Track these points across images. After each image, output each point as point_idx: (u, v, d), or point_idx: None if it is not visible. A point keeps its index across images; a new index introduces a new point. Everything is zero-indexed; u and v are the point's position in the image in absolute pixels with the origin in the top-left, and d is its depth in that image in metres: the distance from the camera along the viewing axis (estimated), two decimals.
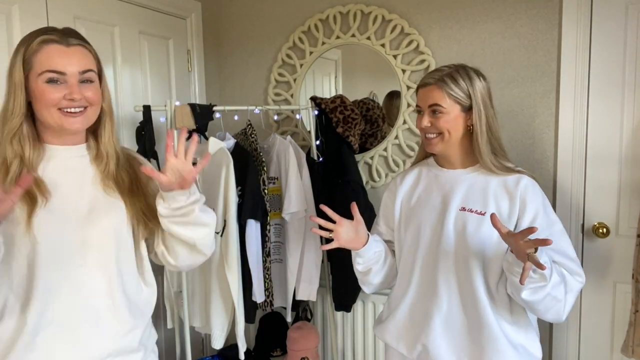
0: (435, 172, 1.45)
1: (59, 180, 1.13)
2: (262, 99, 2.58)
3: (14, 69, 1.08)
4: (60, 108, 1.09)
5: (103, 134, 1.18)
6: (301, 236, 2.08)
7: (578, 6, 1.87)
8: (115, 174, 1.19)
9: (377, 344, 2.32)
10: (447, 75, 1.34)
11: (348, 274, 2.13)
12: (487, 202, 1.33)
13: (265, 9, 2.52)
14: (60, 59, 1.07)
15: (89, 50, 1.13)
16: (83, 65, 1.10)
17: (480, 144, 1.33)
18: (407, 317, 1.42)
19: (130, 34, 2.14)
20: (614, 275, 1.92)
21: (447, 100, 1.33)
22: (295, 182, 2.01)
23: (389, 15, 2.21)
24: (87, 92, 1.10)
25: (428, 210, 1.41)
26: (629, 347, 1.71)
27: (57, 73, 1.07)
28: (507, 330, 1.31)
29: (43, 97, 1.07)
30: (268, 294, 2.01)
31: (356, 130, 2.18)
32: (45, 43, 1.07)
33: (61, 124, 1.10)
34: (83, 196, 1.15)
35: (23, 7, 1.70)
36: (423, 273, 1.40)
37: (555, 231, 1.31)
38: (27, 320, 1.08)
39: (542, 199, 1.34)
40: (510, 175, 1.35)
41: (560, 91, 1.93)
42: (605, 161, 1.90)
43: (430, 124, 1.36)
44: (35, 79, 1.07)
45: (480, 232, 1.31)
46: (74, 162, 1.17)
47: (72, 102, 1.08)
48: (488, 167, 1.35)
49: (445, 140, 1.36)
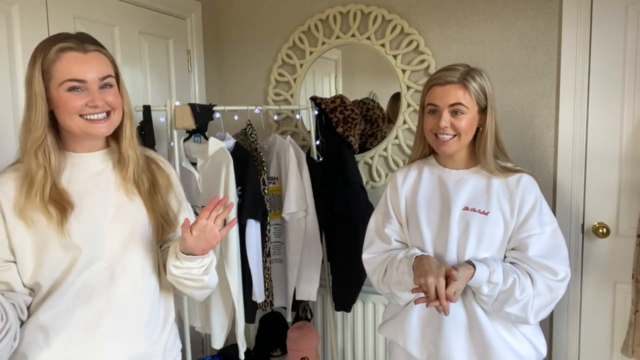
0: (438, 172, 1.44)
1: (85, 187, 1.15)
2: (262, 99, 2.58)
3: (33, 80, 1.07)
4: (82, 115, 1.09)
5: (124, 137, 1.18)
6: (301, 236, 2.08)
7: (578, 6, 1.87)
8: (136, 177, 1.20)
9: (377, 343, 2.32)
10: (467, 74, 1.32)
11: (348, 273, 2.13)
12: (490, 202, 1.34)
13: (265, 9, 2.52)
14: (80, 67, 1.07)
15: (105, 55, 1.14)
16: (102, 71, 1.11)
17: (488, 145, 1.34)
18: (415, 317, 1.41)
19: (130, 34, 2.14)
20: (614, 275, 1.92)
21: (470, 100, 1.31)
22: (295, 182, 2.01)
23: (389, 15, 2.21)
24: (108, 97, 1.11)
25: (432, 210, 1.40)
26: (629, 347, 1.71)
27: (78, 81, 1.07)
28: (504, 332, 1.32)
29: (66, 105, 1.08)
30: (268, 294, 2.01)
31: (356, 130, 2.18)
32: (62, 51, 1.07)
33: (86, 131, 1.11)
34: (108, 201, 1.17)
35: (23, 7, 1.70)
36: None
37: (546, 232, 1.31)
38: (49, 320, 1.11)
39: (539, 197, 1.35)
40: (511, 176, 1.36)
41: (560, 91, 1.93)
42: (605, 161, 1.90)
43: (449, 124, 1.32)
44: (56, 88, 1.07)
45: (484, 231, 1.31)
46: (97, 168, 1.18)
47: (95, 108, 1.09)
48: (490, 169, 1.35)
49: (462, 140, 1.34)
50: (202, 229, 1.11)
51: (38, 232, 1.08)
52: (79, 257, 1.10)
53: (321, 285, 2.17)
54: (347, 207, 2.10)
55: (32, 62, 1.08)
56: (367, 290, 2.30)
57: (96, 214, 1.14)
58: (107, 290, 1.14)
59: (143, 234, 1.20)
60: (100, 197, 1.16)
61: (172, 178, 1.32)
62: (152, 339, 1.21)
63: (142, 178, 1.21)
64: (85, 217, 1.12)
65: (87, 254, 1.11)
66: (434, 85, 1.34)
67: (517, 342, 1.33)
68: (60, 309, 1.11)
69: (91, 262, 1.12)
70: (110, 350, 1.15)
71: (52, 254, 1.09)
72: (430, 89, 1.35)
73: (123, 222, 1.17)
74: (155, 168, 1.27)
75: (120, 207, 1.18)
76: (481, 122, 1.36)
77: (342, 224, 2.10)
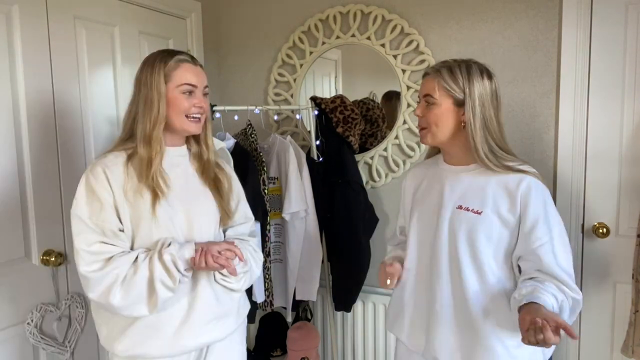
0: (440, 168, 1.44)
1: (170, 174, 1.36)
2: (262, 99, 2.58)
3: (157, 82, 1.30)
4: (187, 115, 1.34)
5: (207, 136, 1.45)
6: (301, 236, 2.08)
7: (578, 6, 1.87)
8: (208, 170, 1.44)
9: (377, 343, 2.32)
10: (447, 67, 1.33)
11: (348, 274, 2.14)
12: (485, 201, 1.30)
13: (265, 9, 2.52)
14: (193, 75, 1.35)
15: (204, 69, 1.41)
16: (205, 82, 1.39)
17: (476, 142, 1.30)
18: (410, 312, 1.44)
19: (130, 34, 2.14)
20: (614, 275, 1.92)
21: (440, 92, 1.32)
22: (295, 182, 2.01)
23: (389, 15, 2.22)
24: (205, 103, 1.39)
25: (427, 205, 1.41)
26: (629, 347, 1.71)
27: (192, 86, 1.34)
28: (500, 332, 1.29)
29: (180, 105, 1.33)
30: (268, 294, 2.01)
31: (356, 130, 2.18)
32: (181, 62, 1.34)
33: (187, 129, 1.36)
34: (188, 188, 1.40)
35: (23, 7, 1.70)
36: (421, 269, 1.41)
37: (554, 239, 1.27)
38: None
39: (544, 204, 1.28)
40: (512, 175, 1.30)
41: (560, 91, 1.93)
42: (605, 161, 1.90)
43: (422, 114, 1.36)
44: (172, 90, 1.33)
45: (475, 231, 1.29)
46: (178, 160, 1.41)
47: (201, 109, 1.36)
48: (486, 165, 1.31)
49: (433, 132, 1.35)
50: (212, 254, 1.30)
51: (136, 209, 1.29)
52: (165, 231, 1.31)
53: (321, 285, 2.17)
54: (347, 207, 2.10)
55: (151, 68, 1.32)
56: (367, 290, 2.30)
57: (179, 197, 1.36)
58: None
59: (212, 219, 1.42)
60: (181, 183, 1.38)
61: (232, 174, 1.56)
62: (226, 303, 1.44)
63: (210, 172, 1.44)
64: (170, 199, 1.33)
65: (164, 232, 1.31)
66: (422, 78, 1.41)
67: (510, 341, 1.30)
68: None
69: (174, 236, 1.32)
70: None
71: (144, 229, 1.30)
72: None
73: (199, 205, 1.40)
74: (218, 167, 1.49)
75: (197, 194, 1.41)
76: (465, 117, 1.33)
77: (342, 224, 2.10)
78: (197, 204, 1.40)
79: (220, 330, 1.41)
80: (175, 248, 1.27)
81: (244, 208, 1.57)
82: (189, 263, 1.29)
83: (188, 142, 1.46)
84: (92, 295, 1.24)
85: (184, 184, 1.39)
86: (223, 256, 1.30)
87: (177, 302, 1.33)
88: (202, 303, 1.36)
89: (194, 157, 1.45)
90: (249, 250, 1.49)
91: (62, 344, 1.83)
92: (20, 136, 1.72)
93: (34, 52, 1.75)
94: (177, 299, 1.32)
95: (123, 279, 1.23)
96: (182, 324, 1.33)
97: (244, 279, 1.44)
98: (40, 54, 1.77)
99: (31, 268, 1.76)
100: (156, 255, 1.25)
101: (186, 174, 1.41)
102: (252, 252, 1.50)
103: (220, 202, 1.44)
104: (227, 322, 1.44)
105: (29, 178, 1.73)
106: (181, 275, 1.27)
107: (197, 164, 1.44)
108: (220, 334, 1.41)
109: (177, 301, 1.32)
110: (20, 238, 1.73)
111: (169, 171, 1.36)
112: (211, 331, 1.38)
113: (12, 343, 1.70)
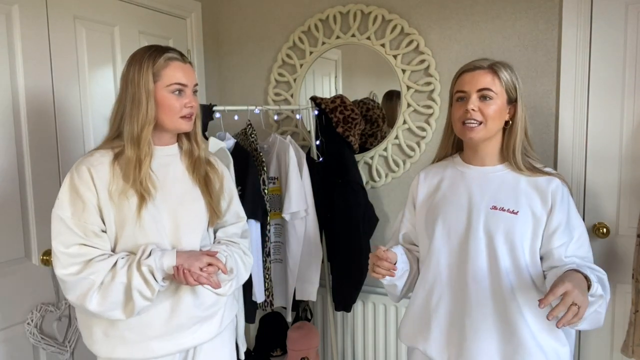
0: (462, 169, 1.40)
1: (158, 174, 1.33)
2: (262, 99, 2.58)
3: (145, 80, 1.25)
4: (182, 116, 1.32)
5: (196, 134, 1.41)
6: (301, 236, 2.08)
7: (578, 6, 1.87)
8: (197, 169, 1.41)
9: (377, 343, 2.32)
10: (498, 63, 1.32)
11: (348, 274, 2.13)
12: (519, 201, 1.29)
13: (265, 9, 2.52)
14: (183, 74, 1.31)
15: (193, 67, 1.37)
16: (194, 80, 1.35)
17: (516, 141, 1.31)
18: (440, 321, 1.35)
19: (130, 34, 2.14)
20: (614, 275, 1.92)
21: (498, 87, 1.29)
22: (295, 182, 2.01)
23: (389, 15, 2.22)
24: (195, 101, 1.35)
25: (454, 208, 1.36)
26: (629, 347, 1.71)
27: (182, 85, 1.30)
28: (537, 333, 1.26)
29: (170, 105, 1.29)
30: (268, 294, 2.01)
31: (356, 130, 2.18)
32: (170, 60, 1.29)
33: (179, 127, 1.33)
34: (175, 187, 1.36)
35: (23, 7, 1.70)
36: (451, 274, 1.34)
37: (574, 238, 1.29)
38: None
39: (568, 206, 1.30)
40: (541, 176, 1.32)
41: (560, 91, 1.93)
42: (605, 161, 1.90)
43: (477, 109, 1.29)
44: (161, 89, 1.28)
45: (513, 231, 1.27)
46: (167, 160, 1.38)
47: (192, 108, 1.33)
48: (518, 166, 1.31)
49: (488, 127, 1.30)
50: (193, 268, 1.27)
51: (120, 211, 1.26)
52: (143, 231, 1.28)
53: (321, 285, 2.17)
54: (347, 207, 2.10)
55: (139, 66, 1.26)
56: (367, 290, 2.30)
57: (166, 197, 1.33)
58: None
59: (200, 220, 1.39)
60: (169, 183, 1.35)
61: (224, 173, 1.52)
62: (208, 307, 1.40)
63: (200, 171, 1.41)
64: (157, 199, 1.30)
65: (150, 230, 1.28)
66: (463, 73, 1.34)
67: (546, 338, 1.27)
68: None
69: (159, 240, 1.30)
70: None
71: (127, 232, 1.27)
72: (459, 77, 1.35)
73: (187, 207, 1.36)
74: (210, 166, 1.46)
75: (185, 193, 1.37)
76: (511, 115, 1.33)
77: (342, 223, 2.10)
78: (185, 205, 1.37)
79: (204, 333, 1.39)
80: (155, 257, 1.24)
81: (236, 207, 1.55)
82: (169, 272, 1.26)
83: (180, 140, 1.42)
84: (70, 298, 1.24)
85: (172, 184, 1.36)
86: (205, 272, 1.26)
87: (160, 305, 1.31)
88: (185, 305, 1.33)
89: (185, 154, 1.42)
90: (239, 254, 1.46)
91: (62, 344, 1.83)
92: (20, 136, 1.72)
93: (34, 52, 1.75)
94: (159, 301, 1.30)
95: (100, 284, 1.21)
96: (164, 327, 1.31)
97: (230, 284, 1.42)
98: (40, 54, 1.77)
99: (31, 268, 1.76)
100: (135, 265, 1.23)
101: (175, 174, 1.38)
102: (242, 255, 1.47)
103: (209, 201, 1.41)
104: (212, 324, 1.41)
105: (29, 178, 1.74)
106: (160, 285, 1.26)
107: (188, 161, 1.41)
108: (204, 337, 1.39)
109: (159, 303, 1.30)
110: (20, 238, 1.74)
111: (158, 171, 1.33)
112: (194, 333, 1.36)
113: (12, 343, 1.70)
